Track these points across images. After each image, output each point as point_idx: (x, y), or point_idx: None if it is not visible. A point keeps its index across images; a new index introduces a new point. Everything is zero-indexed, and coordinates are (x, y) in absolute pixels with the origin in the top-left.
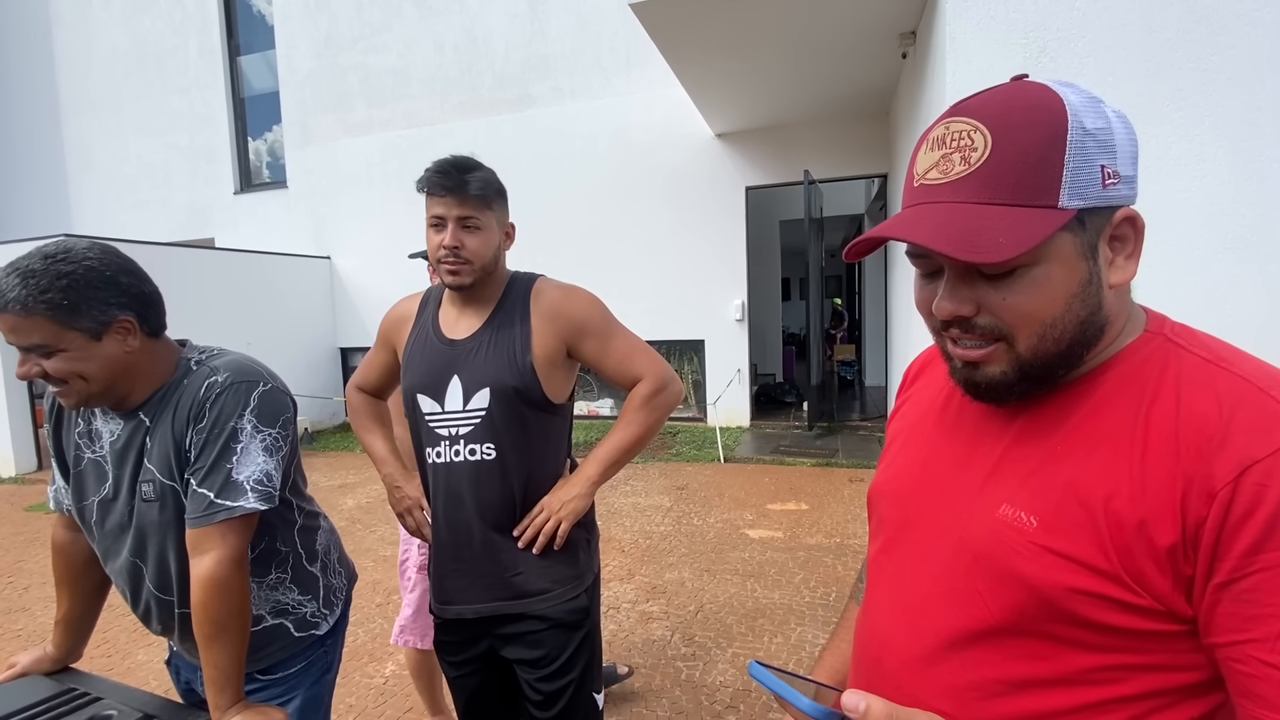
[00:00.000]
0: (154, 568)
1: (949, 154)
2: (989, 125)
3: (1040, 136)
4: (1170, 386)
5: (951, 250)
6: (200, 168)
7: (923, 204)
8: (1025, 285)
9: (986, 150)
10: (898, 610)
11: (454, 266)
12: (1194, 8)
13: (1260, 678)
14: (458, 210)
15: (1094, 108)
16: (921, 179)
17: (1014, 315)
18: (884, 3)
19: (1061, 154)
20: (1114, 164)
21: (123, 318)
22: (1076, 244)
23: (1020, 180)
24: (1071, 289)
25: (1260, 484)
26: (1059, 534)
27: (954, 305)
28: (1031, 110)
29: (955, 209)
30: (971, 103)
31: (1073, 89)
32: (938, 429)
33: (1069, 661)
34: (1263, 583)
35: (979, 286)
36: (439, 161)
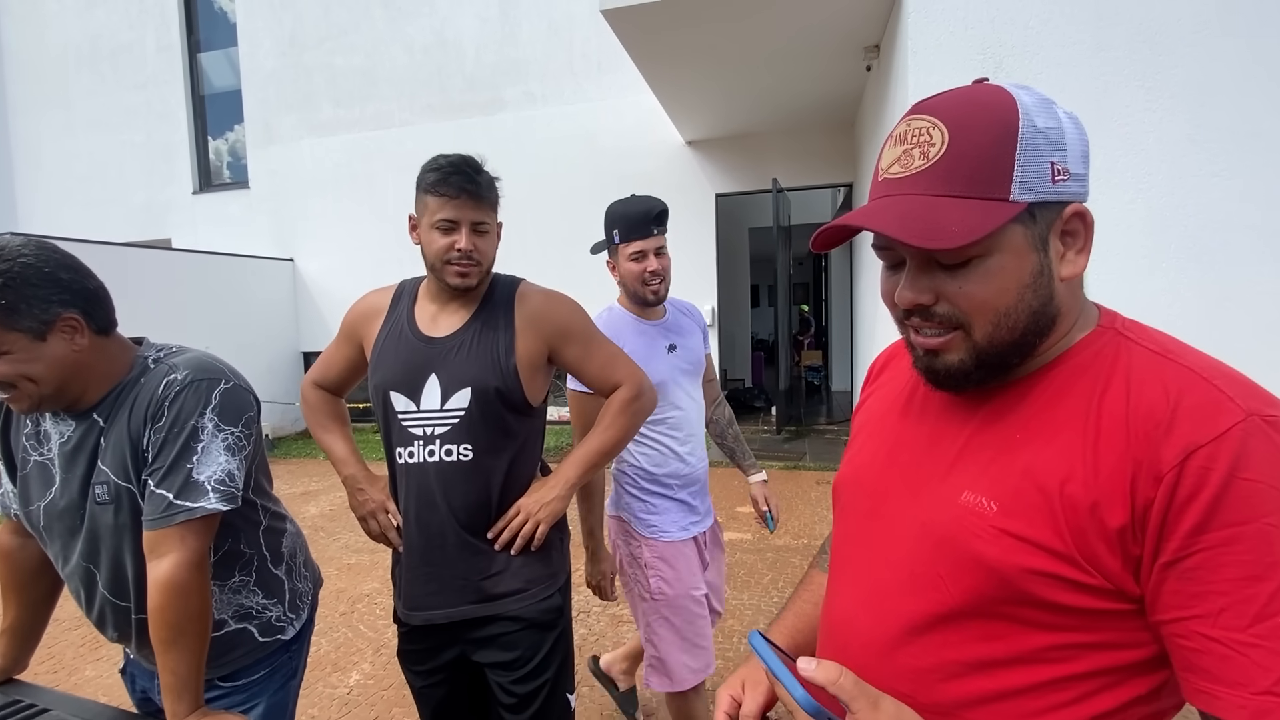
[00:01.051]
0: (108, 572)
1: (910, 149)
2: (946, 122)
3: (993, 133)
4: (1121, 377)
5: (907, 237)
6: (157, 166)
7: (886, 196)
8: (980, 275)
9: (944, 146)
10: (862, 596)
11: (465, 269)
12: (1140, 30)
13: (1203, 651)
14: (473, 215)
15: (1046, 108)
16: (885, 173)
17: (970, 304)
18: (849, 17)
19: (1013, 150)
20: (1064, 161)
21: (67, 315)
22: (1028, 236)
23: (974, 174)
24: (1023, 279)
25: (1204, 467)
26: (1017, 517)
27: (914, 294)
28: (986, 109)
29: (914, 200)
30: (932, 102)
31: (1026, 90)
32: (902, 420)
33: (1024, 641)
34: (1205, 561)
35: (937, 276)
36: (448, 161)
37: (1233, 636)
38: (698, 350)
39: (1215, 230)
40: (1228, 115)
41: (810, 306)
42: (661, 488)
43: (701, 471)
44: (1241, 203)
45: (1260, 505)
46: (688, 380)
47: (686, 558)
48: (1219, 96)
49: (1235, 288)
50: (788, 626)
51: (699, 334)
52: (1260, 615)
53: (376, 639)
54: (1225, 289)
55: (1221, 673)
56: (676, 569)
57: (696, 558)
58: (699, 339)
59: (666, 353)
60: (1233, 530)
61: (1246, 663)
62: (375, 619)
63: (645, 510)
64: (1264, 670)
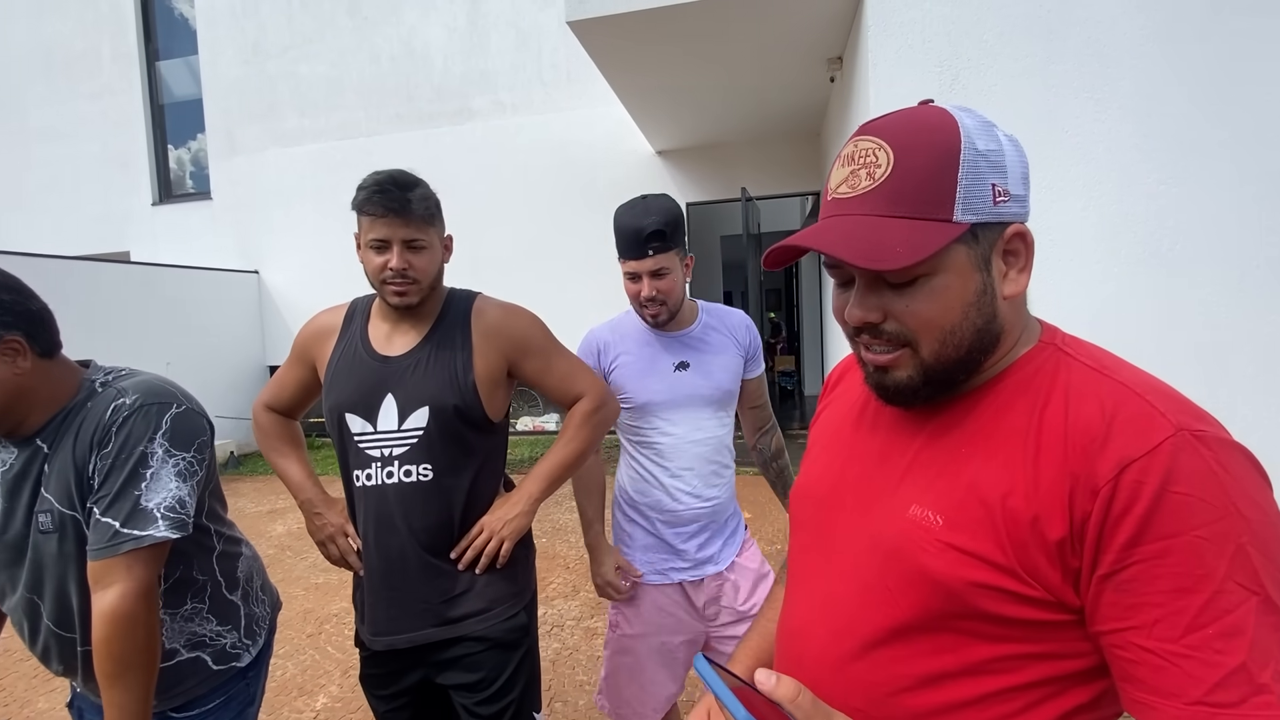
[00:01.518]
0: (52, 603)
1: (856, 170)
2: (892, 144)
3: (936, 155)
4: (1060, 392)
5: (853, 258)
6: (114, 177)
7: (833, 216)
8: (925, 294)
9: (889, 167)
10: (816, 610)
11: (401, 288)
12: (1089, 43)
13: (1139, 662)
14: (403, 232)
15: (987, 131)
16: (833, 193)
17: (916, 321)
18: (813, 29)
19: (955, 172)
20: (1004, 183)
21: (9, 337)
22: (971, 256)
23: (918, 195)
24: (967, 298)
25: (1137, 480)
26: (961, 531)
27: (863, 312)
28: (929, 131)
29: (860, 221)
30: (878, 123)
31: (969, 113)
32: (855, 433)
33: (972, 653)
34: (1140, 574)
35: (885, 295)
36: (375, 180)
37: (1166, 648)
38: (725, 373)
39: (1163, 236)
40: (1173, 125)
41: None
42: (640, 517)
43: (700, 514)
44: (1188, 209)
45: (1190, 518)
46: (698, 407)
47: (657, 605)
48: (1165, 107)
49: (1184, 291)
50: (752, 647)
51: (733, 353)
52: (1191, 626)
53: (345, 660)
54: (1174, 293)
55: (1156, 683)
56: (640, 611)
57: (680, 607)
58: (731, 359)
59: (672, 370)
60: (1165, 543)
61: (1179, 673)
62: (343, 640)
63: (620, 534)
64: (1195, 681)
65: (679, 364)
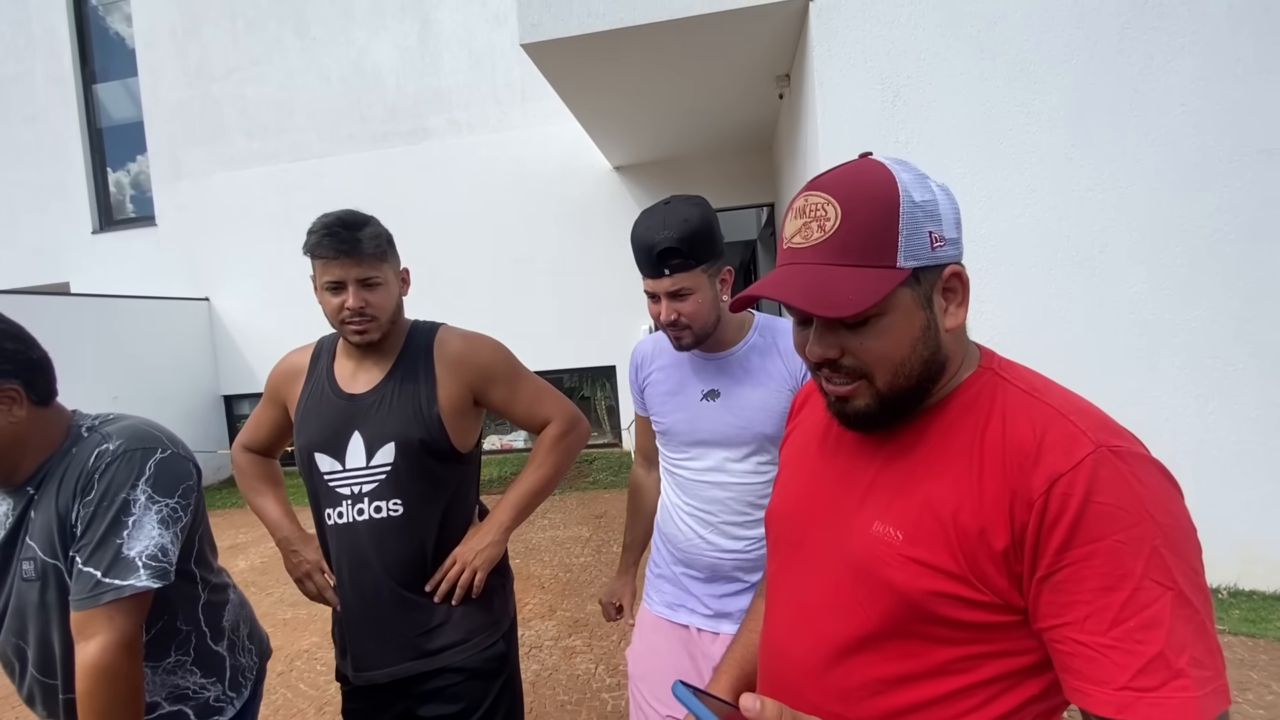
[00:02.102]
0: (36, 650)
1: (808, 222)
2: (838, 199)
3: (878, 209)
4: (998, 414)
5: (813, 308)
6: (50, 204)
7: (790, 264)
8: (877, 332)
9: (837, 220)
10: (793, 623)
11: (361, 326)
12: (1016, 60)
13: (1074, 654)
14: (356, 271)
15: (921, 183)
16: (788, 242)
17: (870, 356)
18: (761, 50)
19: (896, 223)
20: (940, 229)
21: (7, 386)
22: (915, 297)
23: (864, 245)
24: (914, 334)
25: (1065, 493)
26: (919, 545)
27: (822, 349)
28: (870, 187)
29: (815, 270)
30: (825, 179)
31: (905, 167)
32: (819, 456)
33: (934, 656)
34: (1071, 575)
35: (841, 333)
36: (324, 223)
37: (1096, 640)
38: (760, 412)
39: (1094, 239)
40: (1100, 135)
41: None
42: (663, 543)
43: (718, 563)
44: (1116, 214)
45: (1110, 524)
46: (721, 447)
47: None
48: (1088, 118)
49: (1113, 290)
50: (736, 659)
51: (778, 385)
52: (1116, 620)
53: (318, 697)
54: (1104, 292)
55: (1089, 672)
56: (647, 643)
57: (685, 654)
58: (772, 394)
59: (699, 399)
60: (1090, 547)
61: (1108, 663)
62: (315, 676)
63: (654, 550)
64: (1121, 669)
65: (708, 392)
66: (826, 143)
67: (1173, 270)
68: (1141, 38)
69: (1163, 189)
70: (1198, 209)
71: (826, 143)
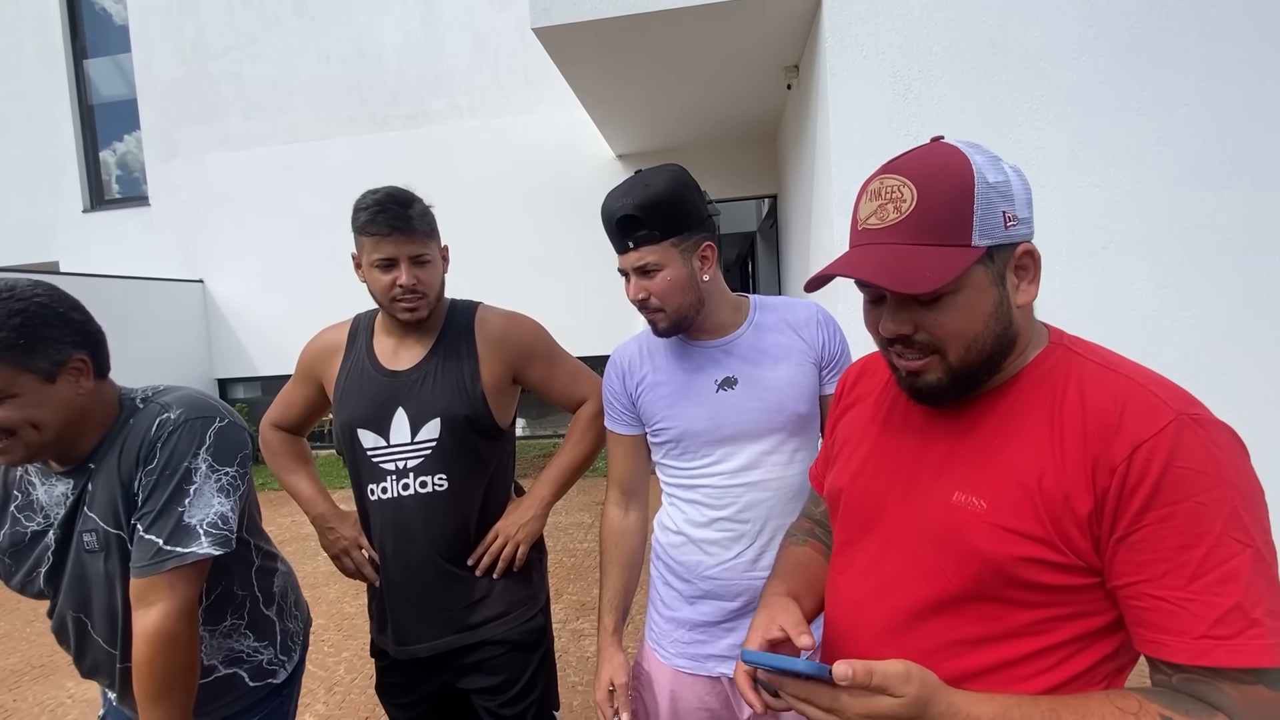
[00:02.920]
0: (102, 621)
1: (884, 204)
2: (915, 181)
3: (954, 190)
4: (1075, 387)
5: (893, 285)
6: (39, 182)
7: (865, 245)
8: (951, 308)
9: (913, 202)
10: (870, 590)
11: (413, 304)
12: (1026, 56)
13: (1151, 609)
14: (409, 249)
15: (994, 164)
16: (863, 224)
17: (944, 332)
18: (771, 39)
19: (971, 203)
20: (1012, 209)
21: (76, 357)
22: (988, 274)
23: (940, 225)
24: (987, 310)
25: (1147, 458)
26: (1005, 512)
27: (896, 326)
28: (945, 169)
29: (892, 249)
30: (899, 163)
31: (977, 150)
32: (885, 432)
33: (1015, 618)
34: (1148, 535)
35: (915, 310)
36: (375, 200)
37: (1174, 594)
38: (788, 388)
39: (1097, 236)
40: (1105, 132)
41: None
42: (677, 580)
43: (756, 586)
44: (1121, 211)
45: (1190, 487)
46: (754, 437)
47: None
48: (1097, 116)
49: (1116, 288)
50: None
51: (799, 359)
52: (1194, 575)
53: (328, 678)
54: (1107, 289)
55: (1167, 624)
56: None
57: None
58: (795, 368)
59: (714, 390)
60: (1170, 509)
61: (1186, 614)
62: (324, 657)
63: (654, 597)
64: (1199, 619)
65: (723, 380)
66: (836, 135)
67: (1174, 268)
68: (1150, 37)
69: (1166, 187)
70: (1199, 208)
71: (836, 135)
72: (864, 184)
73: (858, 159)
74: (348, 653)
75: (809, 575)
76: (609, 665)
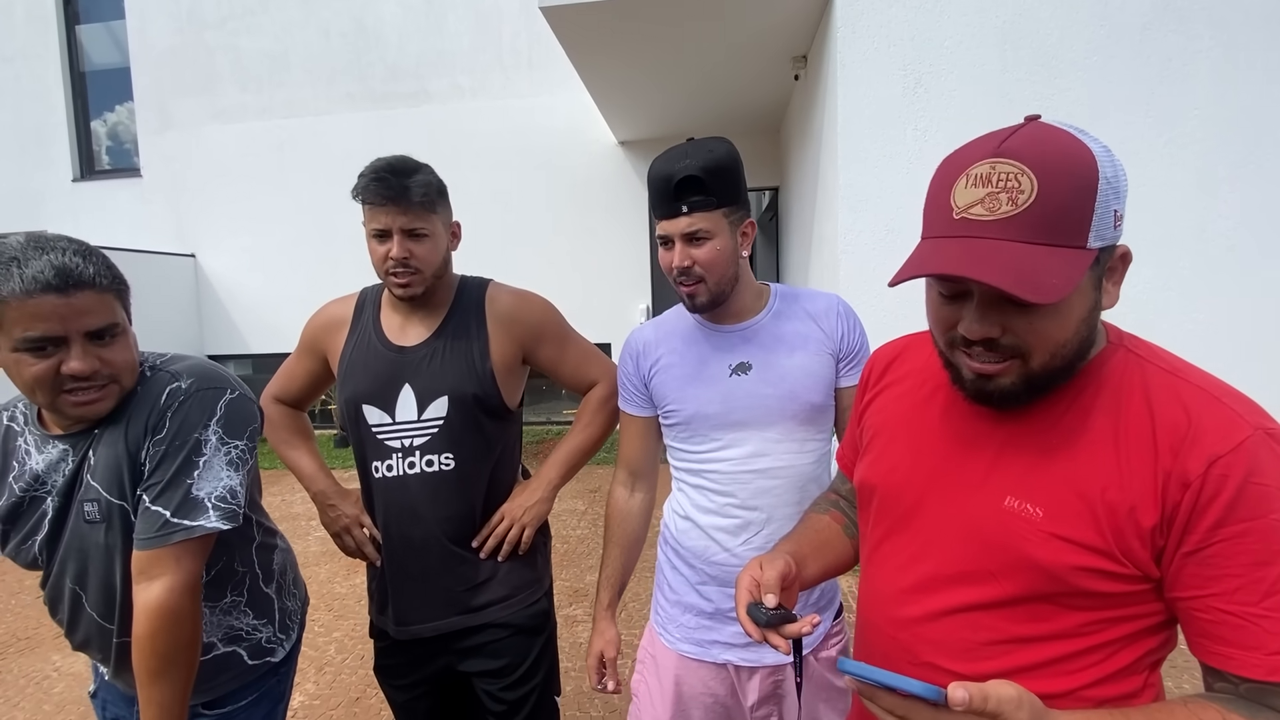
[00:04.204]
0: (97, 594)
1: (996, 193)
2: (1035, 170)
3: (1077, 184)
4: (1140, 394)
5: (1021, 292)
6: (29, 149)
7: (969, 238)
8: (1051, 314)
9: (1033, 194)
10: (909, 586)
11: (405, 279)
12: (1038, 54)
13: (1220, 623)
14: (403, 220)
15: (1109, 157)
16: (965, 212)
17: (1038, 338)
18: (781, 28)
19: (1092, 201)
20: (1121, 207)
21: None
22: (1092, 278)
23: (1060, 223)
24: (1083, 315)
25: (1223, 474)
26: (1063, 522)
27: (984, 329)
28: (1069, 160)
29: (1003, 246)
30: (1012, 145)
31: (1090, 138)
32: (924, 425)
33: (1065, 620)
34: (1221, 551)
35: (1008, 312)
36: (374, 167)
37: (1247, 610)
38: (803, 377)
39: None
40: (1115, 133)
41: None
42: (684, 565)
43: None
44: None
45: (1268, 504)
46: (765, 424)
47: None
48: (1108, 117)
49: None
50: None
51: (816, 349)
52: (1269, 592)
53: (318, 657)
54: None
55: (1238, 639)
56: (662, 688)
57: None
58: (812, 358)
59: (728, 374)
60: (1246, 525)
61: (1259, 630)
62: (315, 636)
63: (660, 580)
64: (1274, 636)
65: (737, 365)
66: (845, 127)
67: (1176, 271)
68: (1162, 40)
69: (1172, 190)
70: (1204, 212)
71: (845, 127)
72: (955, 162)
73: (865, 152)
74: (339, 633)
75: (820, 540)
76: (600, 639)
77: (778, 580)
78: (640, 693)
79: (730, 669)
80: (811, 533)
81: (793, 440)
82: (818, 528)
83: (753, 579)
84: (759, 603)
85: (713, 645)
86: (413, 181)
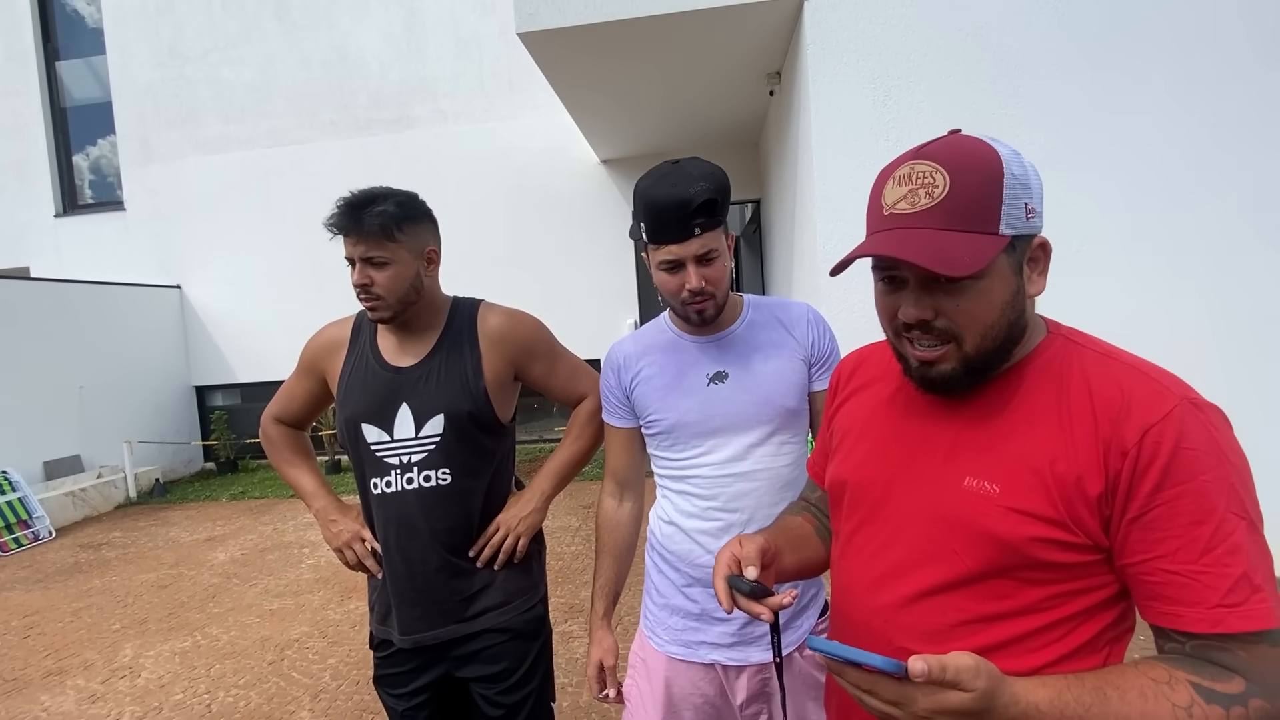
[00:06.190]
0: None
1: (915, 189)
2: (947, 168)
3: (984, 178)
4: (1079, 375)
5: (934, 266)
6: (9, 186)
7: (895, 229)
8: (975, 295)
9: (946, 188)
10: (879, 576)
11: (369, 304)
12: (1000, 64)
13: (1165, 583)
14: (361, 249)
15: (1017, 158)
16: (891, 208)
17: (964, 318)
18: (754, 47)
19: (1000, 193)
20: (1032, 201)
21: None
22: (1010, 263)
23: (971, 212)
24: (1006, 297)
25: (1156, 441)
26: (1018, 495)
27: (918, 311)
28: (977, 158)
29: (924, 233)
30: (930, 150)
31: (999, 144)
32: (888, 422)
33: (1025, 595)
34: (1161, 514)
35: (938, 296)
36: (342, 197)
37: (1187, 568)
38: (778, 384)
39: (1070, 240)
40: (1078, 140)
41: None
42: (670, 569)
43: None
44: (1096, 216)
45: (1197, 467)
46: (742, 430)
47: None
48: (1067, 125)
49: (1091, 290)
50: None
51: (789, 356)
52: (1206, 549)
53: (313, 685)
54: (1082, 292)
55: (1182, 596)
56: (653, 690)
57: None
58: (786, 365)
59: (706, 383)
60: (1181, 488)
61: (1200, 586)
62: (309, 664)
63: (649, 585)
64: (1212, 590)
65: (714, 374)
66: (819, 139)
67: (1144, 271)
68: (1119, 47)
69: (1136, 193)
70: (1169, 212)
71: (819, 139)
72: (886, 169)
73: (839, 163)
74: (333, 659)
75: (795, 536)
76: (598, 647)
77: (758, 554)
78: (632, 696)
79: (718, 669)
80: (787, 529)
81: (770, 444)
82: (792, 525)
83: (733, 554)
84: (739, 575)
85: (700, 646)
86: (367, 212)
